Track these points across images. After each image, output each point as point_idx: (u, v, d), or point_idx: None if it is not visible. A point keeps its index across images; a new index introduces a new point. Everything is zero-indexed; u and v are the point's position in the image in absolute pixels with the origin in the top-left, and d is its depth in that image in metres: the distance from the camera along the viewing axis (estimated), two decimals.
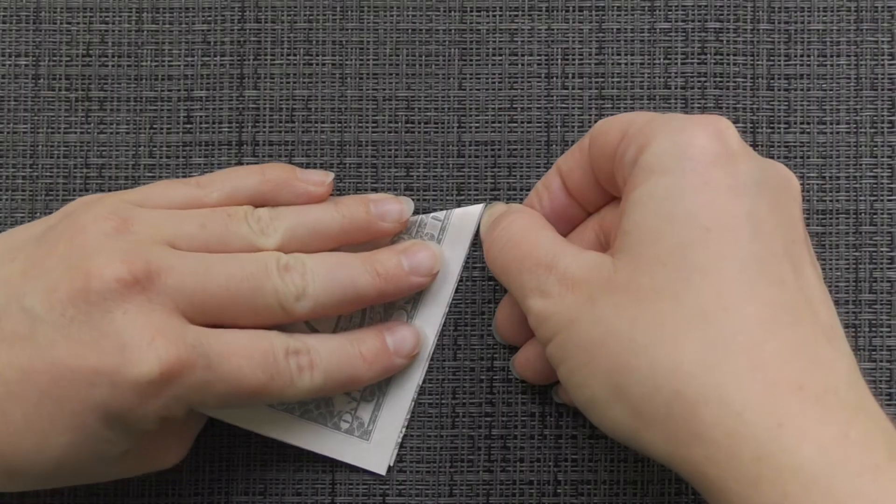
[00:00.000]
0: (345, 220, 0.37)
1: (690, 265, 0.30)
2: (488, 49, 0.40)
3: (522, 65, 0.40)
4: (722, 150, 0.31)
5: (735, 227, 0.30)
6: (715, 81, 0.40)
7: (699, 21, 0.40)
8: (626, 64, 0.40)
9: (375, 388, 0.39)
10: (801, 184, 0.40)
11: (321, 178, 0.38)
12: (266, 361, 0.34)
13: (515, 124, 0.40)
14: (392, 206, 0.38)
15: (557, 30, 0.40)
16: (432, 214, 0.39)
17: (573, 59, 0.40)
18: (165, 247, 0.34)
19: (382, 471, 0.39)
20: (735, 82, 0.40)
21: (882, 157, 0.40)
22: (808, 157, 0.40)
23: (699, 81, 0.40)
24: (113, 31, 0.40)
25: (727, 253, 0.30)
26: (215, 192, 0.36)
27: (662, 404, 0.29)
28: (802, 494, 0.27)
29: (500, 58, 0.40)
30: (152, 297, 0.33)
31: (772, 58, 0.40)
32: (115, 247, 0.33)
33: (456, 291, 0.40)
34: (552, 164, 0.38)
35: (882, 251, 0.40)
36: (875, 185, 0.40)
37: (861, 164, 0.40)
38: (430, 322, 0.39)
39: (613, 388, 0.31)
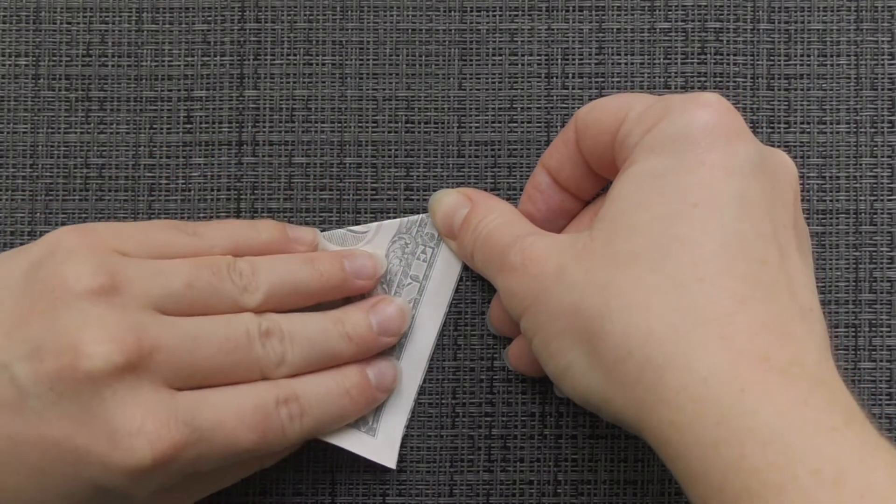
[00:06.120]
0: (322, 278, 0.37)
1: (671, 235, 0.30)
2: (488, 49, 0.40)
3: (522, 65, 0.40)
4: (723, 130, 0.31)
5: (723, 204, 0.30)
6: (715, 81, 0.40)
7: (699, 21, 0.40)
8: (626, 64, 0.40)
9: None
10: (801, 184, 0.40)
11: (310, 238, 0.38)
12: (258, 419, 0.34)
13: (515, 124, 0.40)
14: (366, 264, 0.38)
15: (557, 30, 0.40)
16: None
17: (573, 59, 0.40)
18: (154, 314, 0.34)
19: (392, 465, 0.39)
20: (735, 82, 0.40)
21: (882, 157, 0.40)
22: (808, 157, 0.40)
23: (699, 81, 0.40)
24: (113, 31, 0.40)
25: (710, 227, 0.30)
26: (217, 249, 0.36)
27: (634, 369, 0.30)
28: (760, 453, 0.27)
29: (500, 58, 0.40)
30: (141, 375, 0.32)
31: (772, 58, 0.40)
32: (104, 316, 0.32)
33: (456, 291, 0.40)
34: None
35: (882, 251, 0.40)
36: (875, 185, 0.40)
37: (861, 164, 0.40)
38: (431, 322, 0.39)
39: (589, 354, 0.31)
